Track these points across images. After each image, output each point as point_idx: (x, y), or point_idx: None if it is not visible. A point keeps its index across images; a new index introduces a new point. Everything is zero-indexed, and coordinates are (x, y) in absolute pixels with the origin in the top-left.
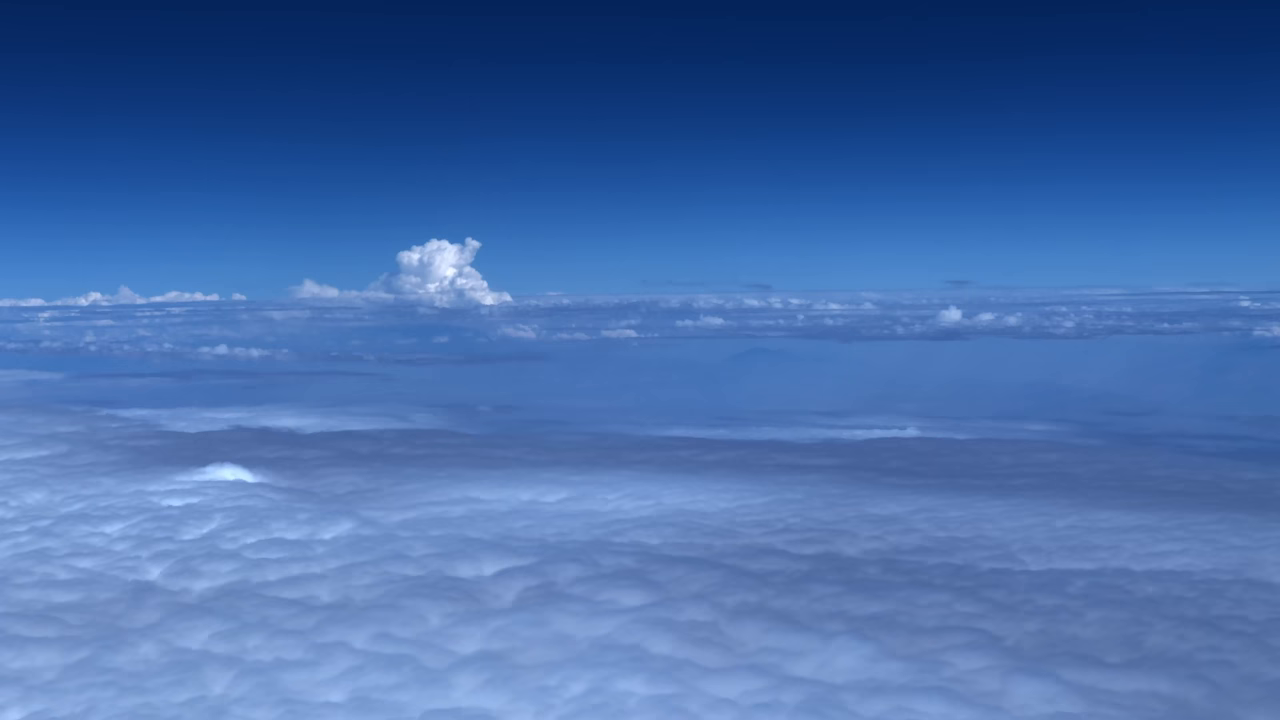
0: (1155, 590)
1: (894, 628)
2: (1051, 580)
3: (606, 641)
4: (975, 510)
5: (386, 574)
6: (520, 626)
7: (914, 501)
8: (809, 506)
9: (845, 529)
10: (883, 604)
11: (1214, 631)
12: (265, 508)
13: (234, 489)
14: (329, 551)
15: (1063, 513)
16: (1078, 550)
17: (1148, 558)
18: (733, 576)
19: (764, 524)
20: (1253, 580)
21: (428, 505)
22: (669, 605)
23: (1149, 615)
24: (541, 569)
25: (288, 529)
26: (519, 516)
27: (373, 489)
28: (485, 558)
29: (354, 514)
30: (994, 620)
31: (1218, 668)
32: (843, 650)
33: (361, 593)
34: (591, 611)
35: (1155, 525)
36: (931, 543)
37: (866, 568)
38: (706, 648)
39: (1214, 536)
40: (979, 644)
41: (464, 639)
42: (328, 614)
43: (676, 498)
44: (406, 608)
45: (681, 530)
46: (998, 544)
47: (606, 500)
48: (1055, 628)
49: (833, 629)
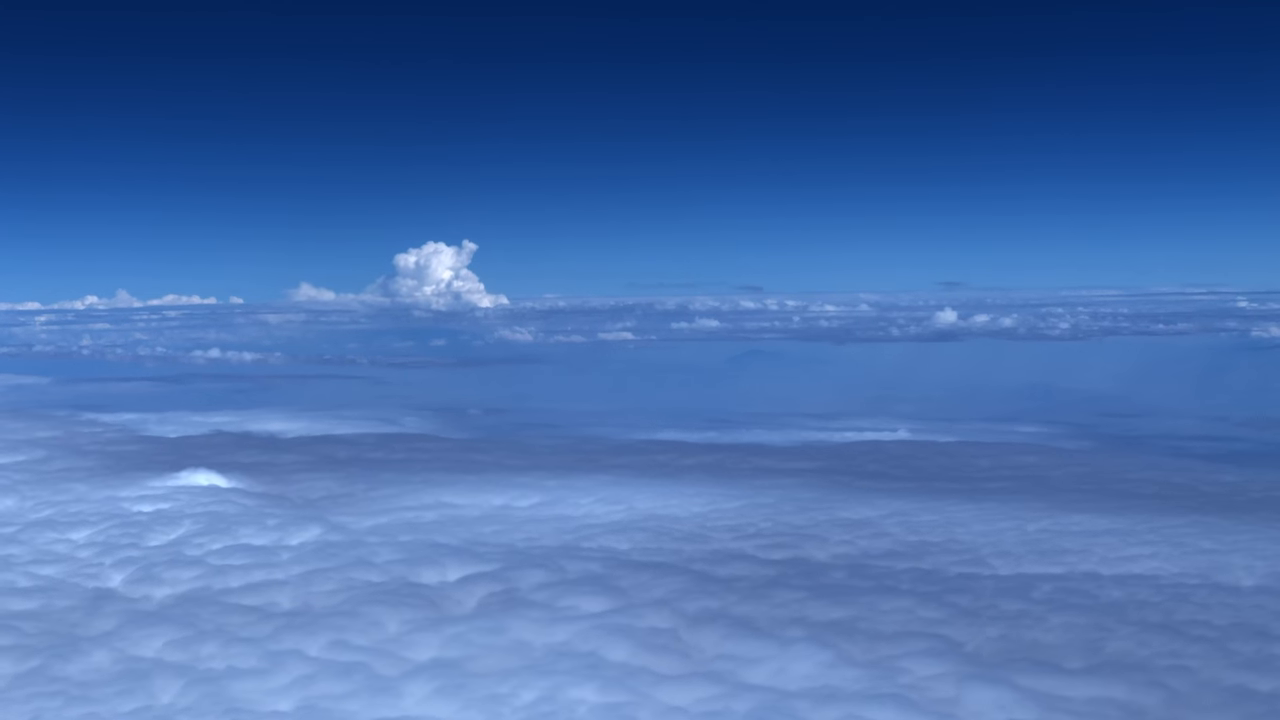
0: (1121, 595)
1: (854, 634)
2: (1018, 585)
3: (563, 649)
4: (948, 514)
5: (349, 580)
6: (477, 633)
7: (887, 505)
8: (781, 511)
9: (816, 533)
10: (845, 610)
11: (1176, 636)
12: (235, 513)
13: (206, 494)
14: (294, 558)
15: (1035, 516)
16: (1047, 554)
17: (1116, 561)
18: (698, 582)
19: (735, 529)
20: (1219, 584)
21: (399, 510)
22: (630, 612)
23: (1112, 620)
24: (505, 575)
25: (255, 535)
26: (490, 522)
27: (346, 494)
28: (450, 564)
29: (324, 519)
30: (956, 626)
31: (1176, 673)
32: (799, 657)
33: (322, 599)
34: (551, 618)
35: (1126, 529)
36: (902, 547)
37: (833, 573)
38: (664, 655)
39: (1184, 540)
40: (938, 650)
41: (420, 646)
42: (285, 621)
43: (649, 502)
44: (365, 615)
45: (651, 535)
46: (968, 548)
47: (579, 505)
48: (1017, 633)
49: (792, 635)
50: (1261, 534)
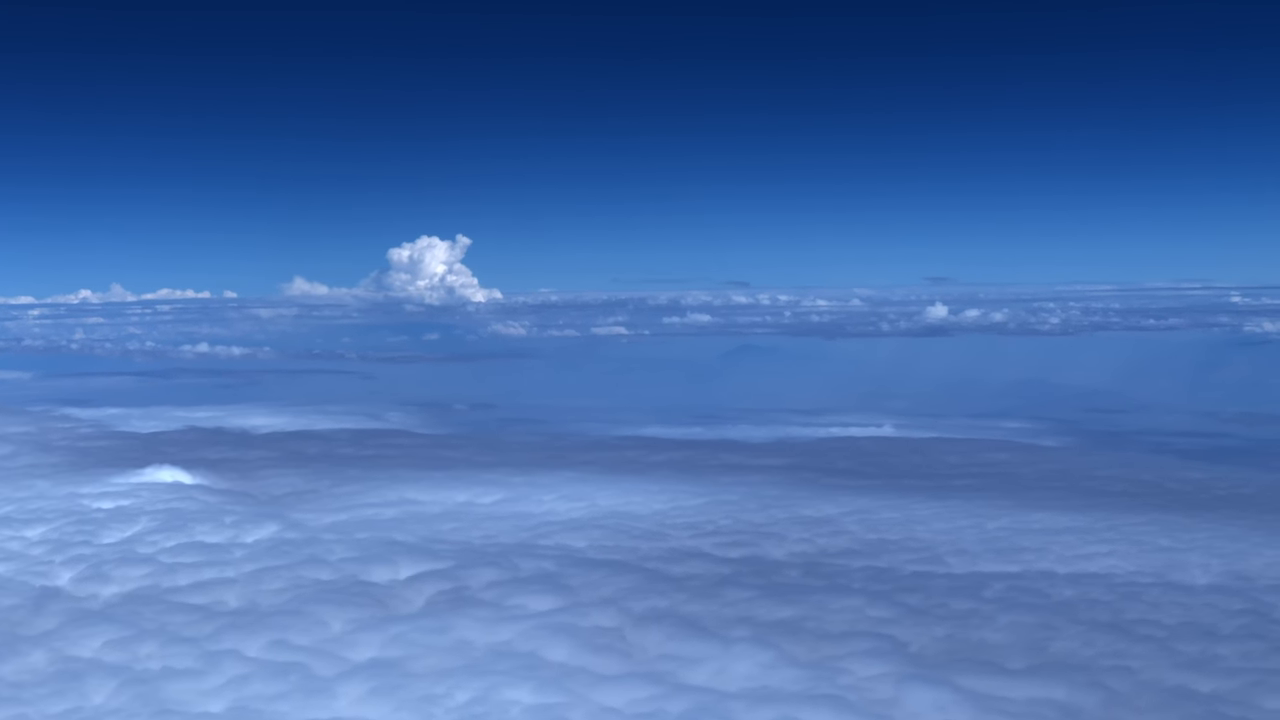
0: (1073, 593)
1: (799, 633)
2: (971, 583)
3: (504, 648)
4: (909, 512)
5: (298, 578)
6: (420, 633)
7: (850, 503)
8: (743, 508)
9: (775, 531)
10: (793, 609)
11: (1122, 636)
12: (195, 510)
13: (168, 491)
14: (247, 555)
15: (997, 514)
16: (1004, 552)
17: (1073, 560)
18: (649, 580)
19: (694, 526)
20: (1173, 583)
21: (361, 507)
22: (576, 611)
23: (1060, 619)
24: (456, 573)
25: (211, 532)
26: (450, 519)
27: (310, 490)
28: (403, 561)
29: (283, 516)
30: (903, 625)
31: (1117, 674)
32: (741, 657)
33: (269, 598)
34: (497, 617)
35: (1086, 527)
36: (859, 545)
37: (788, 571)
38: (605, 655)
39: (1142, 538)
40: (882, 650)
41: (361, 646)
42: (229, 620)
43: (611, 499)
44: (310, 614)
45: (609, 533)
46: (926, 546)
47: (541, 502)
48: (963, 633)
49: (736, 635)
50: (1220, 532)
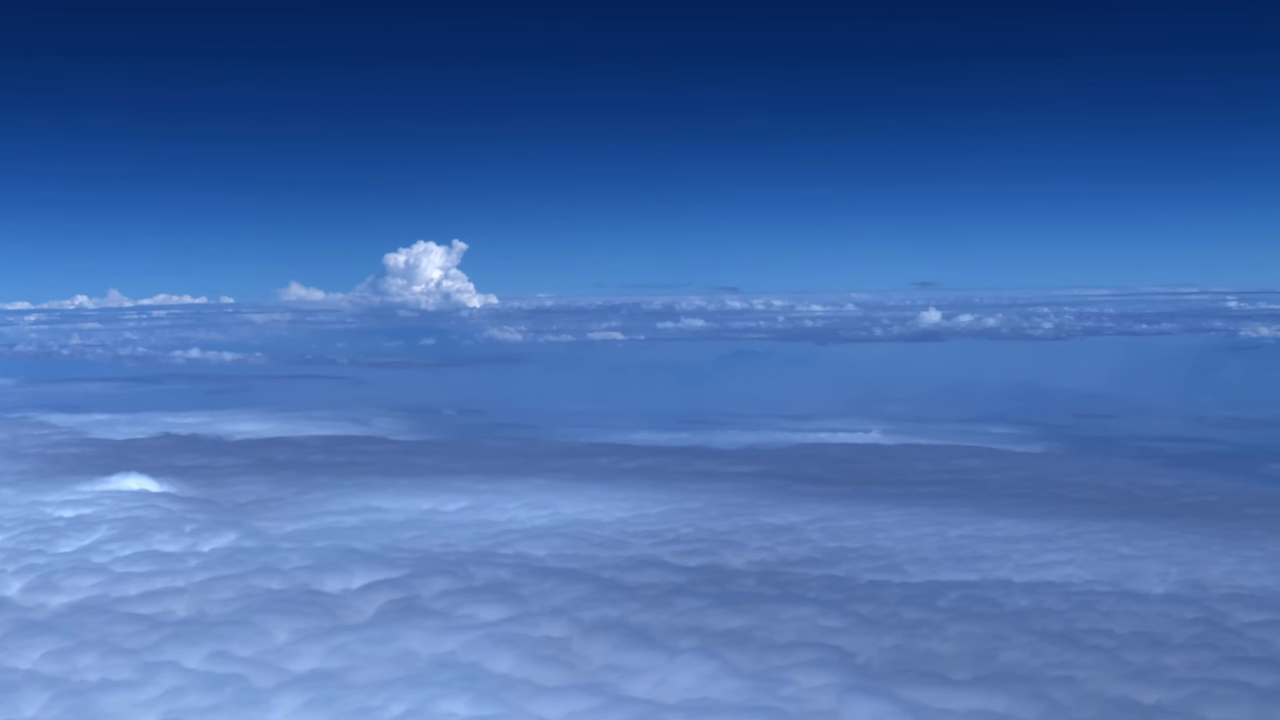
0: (1027, 603)
1: (747, 644)
2: (926, 592)
3: (447, 659)
4: (872, 519)
5: (249, 588)
6: (364, 644)
7: (814, 510)
8: (706, 516)
9: (736, 539)
10: (744, 618)
11: (1071, 646)
12: (156, 518)
13: (132, 499)
14: (201, 564)
15: (960, 522)
16: (964, 561)
17: (1032, 568)
18: (603, 590)
19: (655, 534)
20: (1129, 591)
21: (324, 515)
22: (526, 620)
23: (1011, 629)
24: (409, 582)
25: (169, 541)
26: (411, 526)
27: (275, 498)
28: (358, 570)
29: (244, 524)
30: (852, 635)
31: (1062, 684)
32: (685, 668)
33: (217, 608)
34: (444, 627)
35: (1048, 534)
36: (820, 553)
37: (744, 580)
38: (549, 665)
39: (1103, 546)
40: (828, 661)
41: (304, 656)
42: (173, 631)
43: (575, 507)
44: (256, 624)
45: (570, 541)
46: (886, 554)
47: (505, 510)
48: (912, 643)
49: (683, 645)
50: (1181, 539)
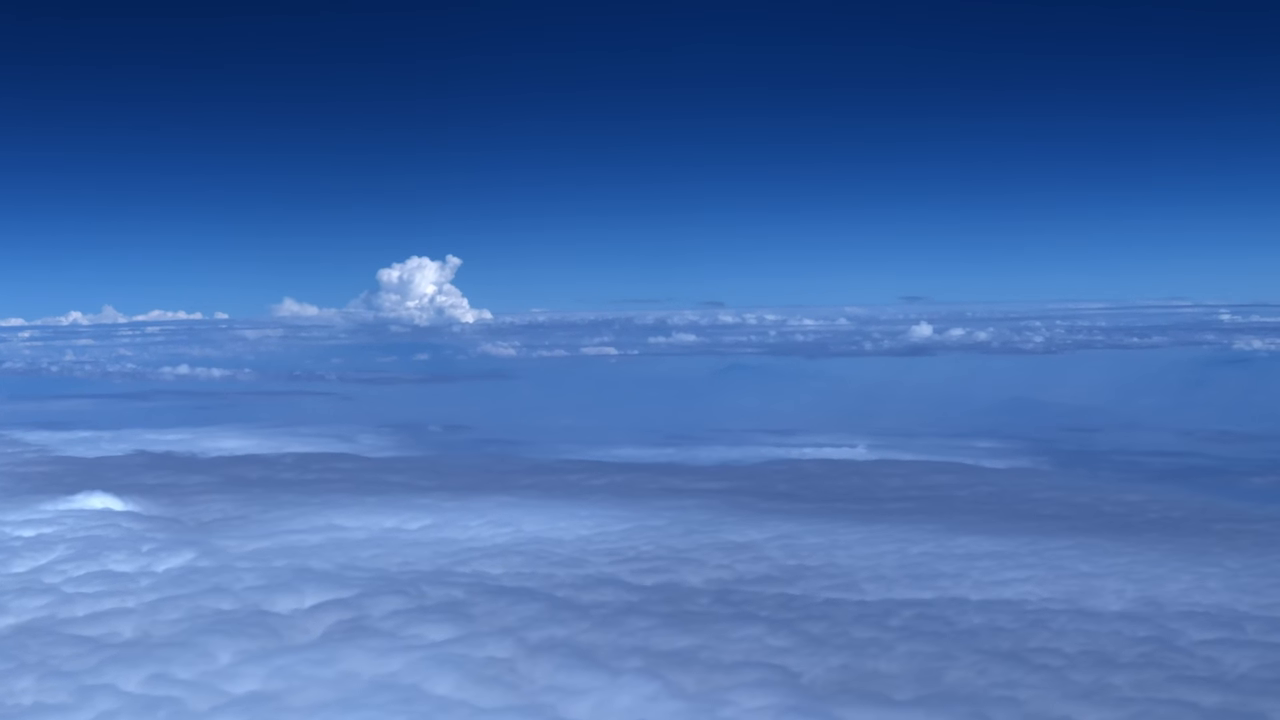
0: (980, 621)
1: (692, 664)
2: (880, 611)
3: (388, 681)
4: (834, 537)
5: (198, 609)
6: (306, 665)
7: (776, 528)
8: (668, 534)
9: (695, 557)
10: (693, 638)
11: (1019, 665)
12: (115, 538)
13: (94, 518)
14: (153, 585)
15: (922, 539)
16: (921, 579)
17: (989, 586)
18: (554, 609)
19: (615, 552)
20: (1083, 609)
21: (285, 534)
22: (472, 641)
23: (960, 648)
24: (360, 602)
25: (124, 561)
26: (372, 545)
27: (239, 516)
28: (310, 590)
29: (203, 544)
30: (799, 655)
31: (1003, 705)
32: (625, 689)
33: (164, 629)
34: (389, 648)
35: (1009, 551)
36: (778, 571)
37: (699, 598)
38: (490, 687)
39: (1062, 563)
40: (771, 681)
41: (244, 679)
42: (116, 653)
43: (537, 525)
44: (199, 645)
45: (529, 559)
46: (844, 572)
47: (467, 528)
48: (859, 662)
49: (627, 666)
50: (1142, 556)
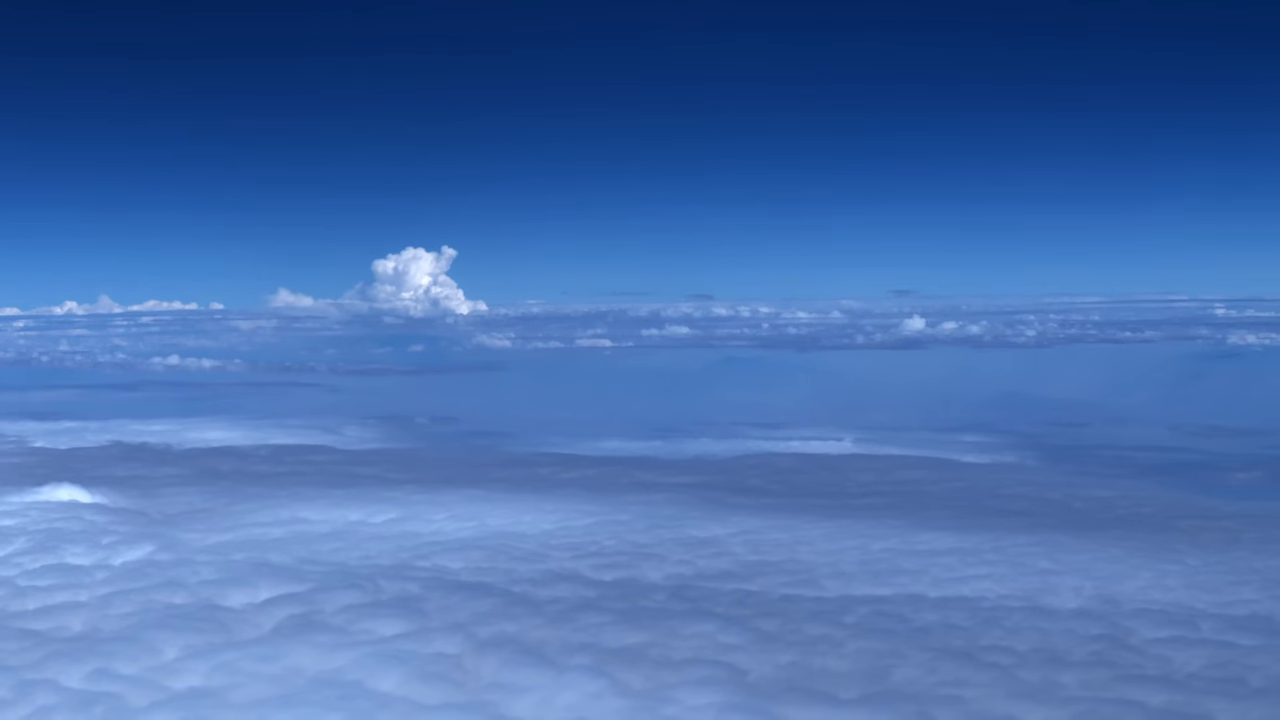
0: (935, 618)
1: (640, 661)
2: (836, 607)
3: (332, 677)
4: (798, 532)
5: (150, 602)
6: (251, 660)
7: (741, 523)
8: (631, 529)
9: (657, 552)
10: (644, 634)
11: (968, 663)
12: (77, 530)
13: (58, 510)
14: (107, 578)
15: (886, 534)
16: (881, 575)
17: (947, 583)
18: (509, 604)
19: (576, 547)
20: (1040, 606)
21: (250, 527)
22: (421, 636)
23: (911, 646)
24: (314, 596)
25: (83, 554)
26: (334, 539)
27: (205, 509)
28: (265, 584)
29: (165, 536)
30: (749, 652)
31: (948, 704)
32: (569, 686)
33: (113, 623)
34: (338, 643)
35: (972, 548)
36: (738, 567)
37: (656, 594)
38: (434, 683)
39: (1024, 559)
40: (718, 679)
41: (187, 674)
42: (61, 647)
43: (502, 519)
44: (146, 640)
45: (490, 553)
46: (805, 568)
47: (431, 521)
48: (808, 660)
49: (574, 663)
50: (1103, 554)
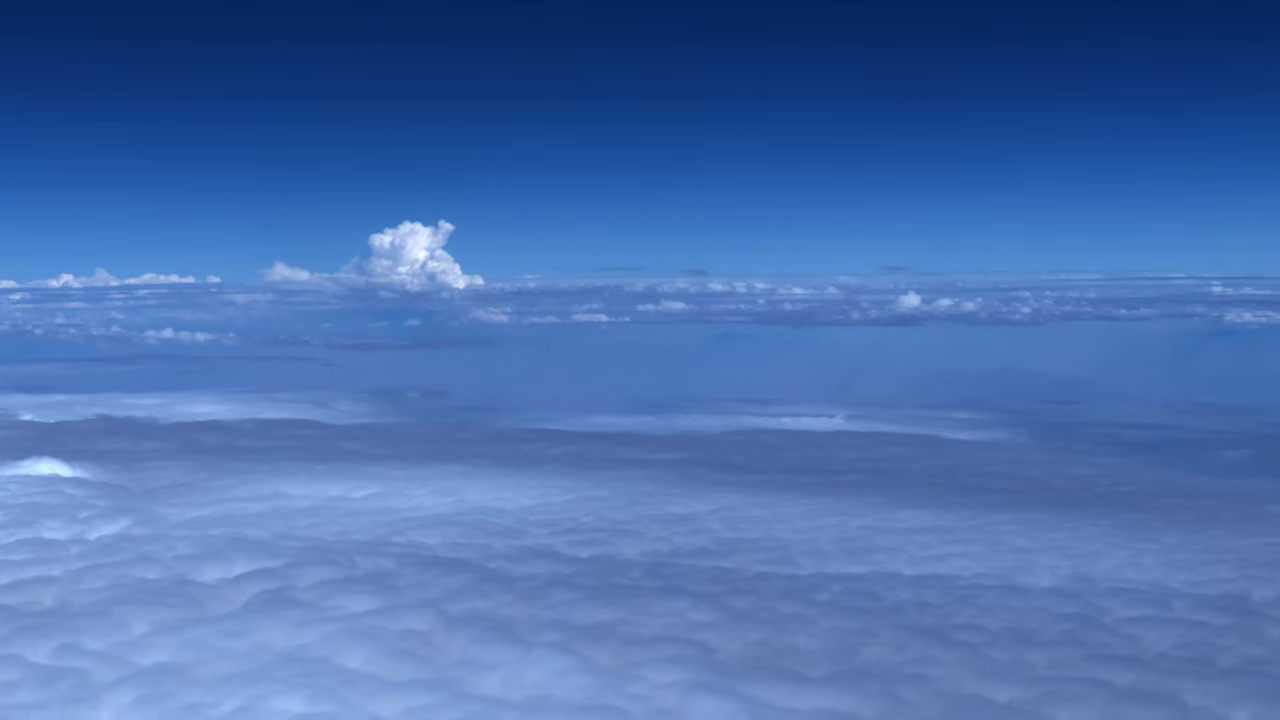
0: (909, 596)
1: (609, 638)
2: (809, 585)
3: (300, 653)
4: (777, 509)
5: (123, 577)
6: (219, 636)
7: (721, 500)
8: (610, 505)
9: (634, 529)
10: (615, 612)
11: (938, 642)
12: (55, 504)
13: (39, 484)
14: (82, 552)
15: (865, 512)
16: (858, 553)
17: (924, 561)
18: (482, 581)
19: (554, 523)
20: (1014, 585)
21: (229, 501)
22: (392, 613)
23: (883, 624)
24: (287, 572)
25: (59, 528)
26: (313, 514)
27: (186, 484)
28: (239, 559)
29: (143, 511)
30: (719, 630)
31: (915, 682)
32: (537, 664)
33: (84, 598)
34: (307, 619)
35: (950, 526)
36: (715, 544)
37: (630, 571)
38: (402, 660)
39: (1001, 538)
40: (686, 657)
41: (154, 650)
42: (30, 622)
43: (482, 495)
44: (116, 615)
45: (466, 530)
46: (781, 546)
47: (411, 497)
48: (778, 638)
49: (543, 640)
50: (1081, 532)
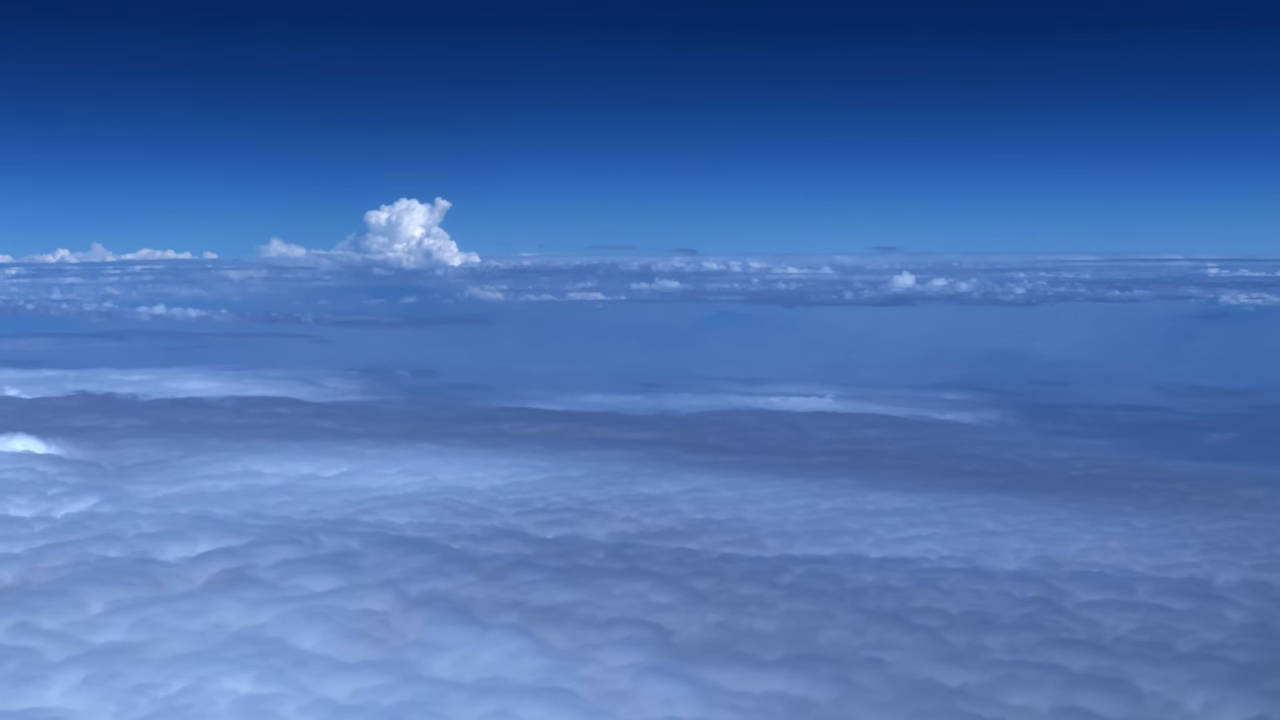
0: (872, 579)
1: (566, 620)
2: (773, 568)
3: (253, 634)
4: (747, 491)
5: (84, 556)
6: (174, 616)
7: (692, 480)
8: (581, 485)
9: (603, 510)
10: (575, 593)
11: (896, 625)
12: (24, 481)
13: (10, 461)
14: (46, 530)
15: (835, 494)
16: (825, 535)
17: (891, 543)
18: (444, 561)
19: (523, 503)
20: (979, 569)
21: (200, 479)
22: (350, 593)
23: (842, 607)
24: (250, 551)
25: (26, 505)
26: (282, 492)
27: (159, 461)
28: (203, 538)
29: (113, 488)
30: (679, 612)
31: (870, 666)
32: (491, 645)
33: (43, 575)
34: (265, 599)
35: (919, 508)
36: (683, 525)
37: (595, 552)
38: (356, 641)
39: (969, 520)
40: (641, 639)
41: (108, 629)
42: None
43: (453, 474)
44: (73, 594)
45: (435, 509)
46: (749, 527)
47: (382, 476)
48: (736, 620)
49: (500, 621)
50: (1049, 515)
